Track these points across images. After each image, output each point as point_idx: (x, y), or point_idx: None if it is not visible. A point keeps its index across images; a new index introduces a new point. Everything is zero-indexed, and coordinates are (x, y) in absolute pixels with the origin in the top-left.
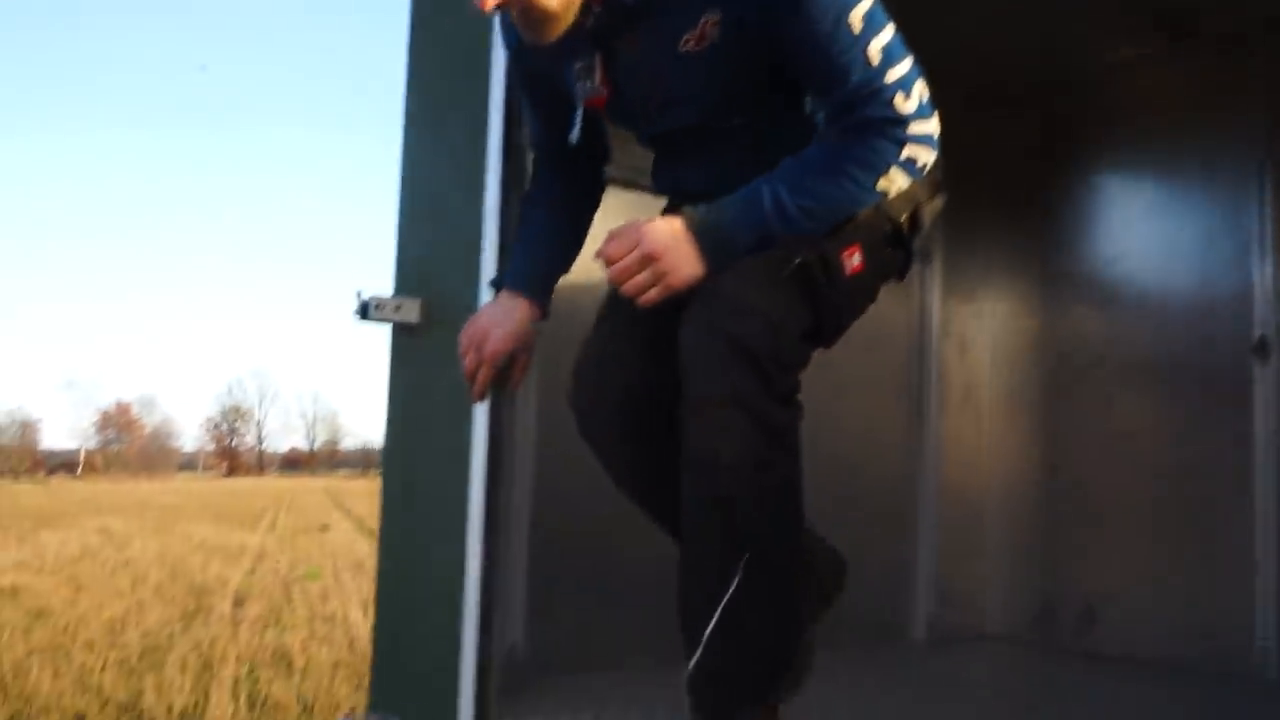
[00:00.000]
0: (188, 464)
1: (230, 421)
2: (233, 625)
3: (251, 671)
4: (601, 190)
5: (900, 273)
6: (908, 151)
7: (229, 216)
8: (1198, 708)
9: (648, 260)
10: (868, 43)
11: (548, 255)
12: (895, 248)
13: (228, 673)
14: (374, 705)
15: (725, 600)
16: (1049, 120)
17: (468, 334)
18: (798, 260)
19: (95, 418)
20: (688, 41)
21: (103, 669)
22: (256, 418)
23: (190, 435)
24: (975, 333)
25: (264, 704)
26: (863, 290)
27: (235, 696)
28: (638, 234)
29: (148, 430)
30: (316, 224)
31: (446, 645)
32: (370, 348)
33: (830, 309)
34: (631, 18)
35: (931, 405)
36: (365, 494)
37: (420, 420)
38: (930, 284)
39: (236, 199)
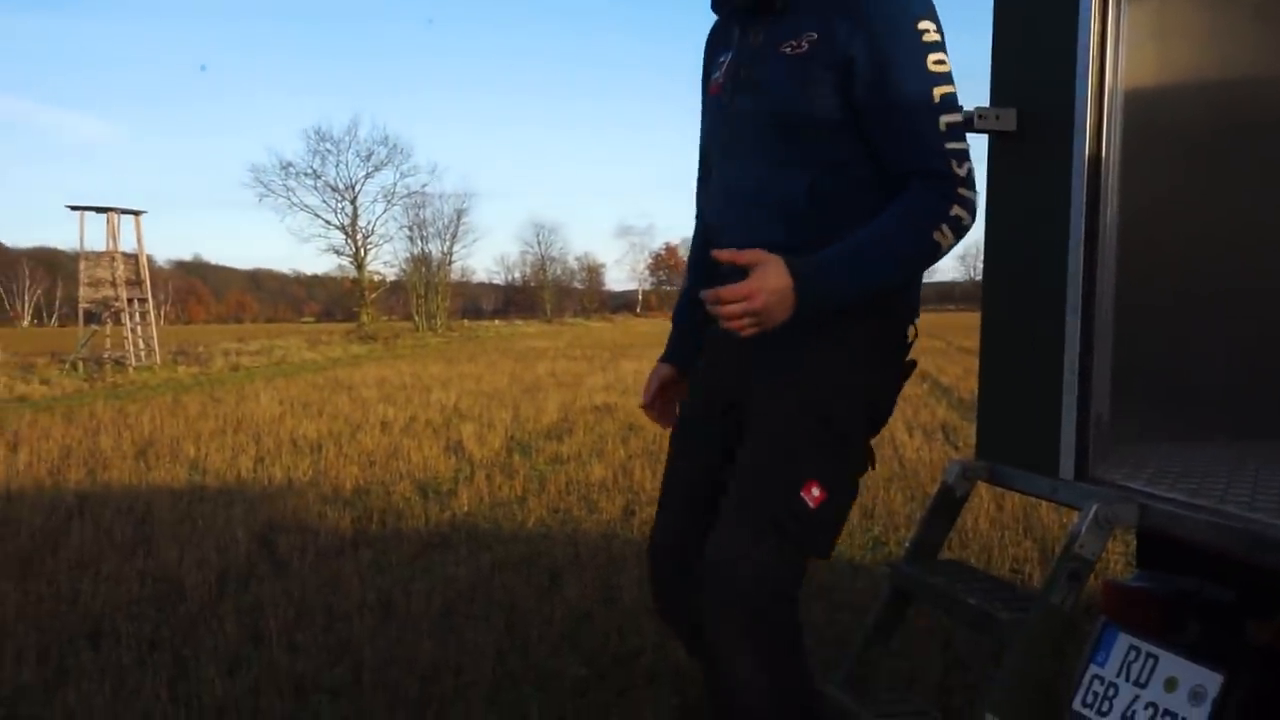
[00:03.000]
0: None
1: None
2: None
3: None
4: None
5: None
6: (957, 209)
7: None
8: None
9: (753, 315)
10: (941, 114)
11: (691, 328)
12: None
13: None
14: (982, 444)
15: None
16: None
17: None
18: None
19: (648, 261)
20: (787, 45)
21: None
22: None
23: None
24: None
25: None
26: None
27: None
28: (748, 292)
29: None
30: None
31: (1048, 409)
32: None
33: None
34: (765, 11)
35: None
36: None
37: (1018, 220)
38: None
39: None
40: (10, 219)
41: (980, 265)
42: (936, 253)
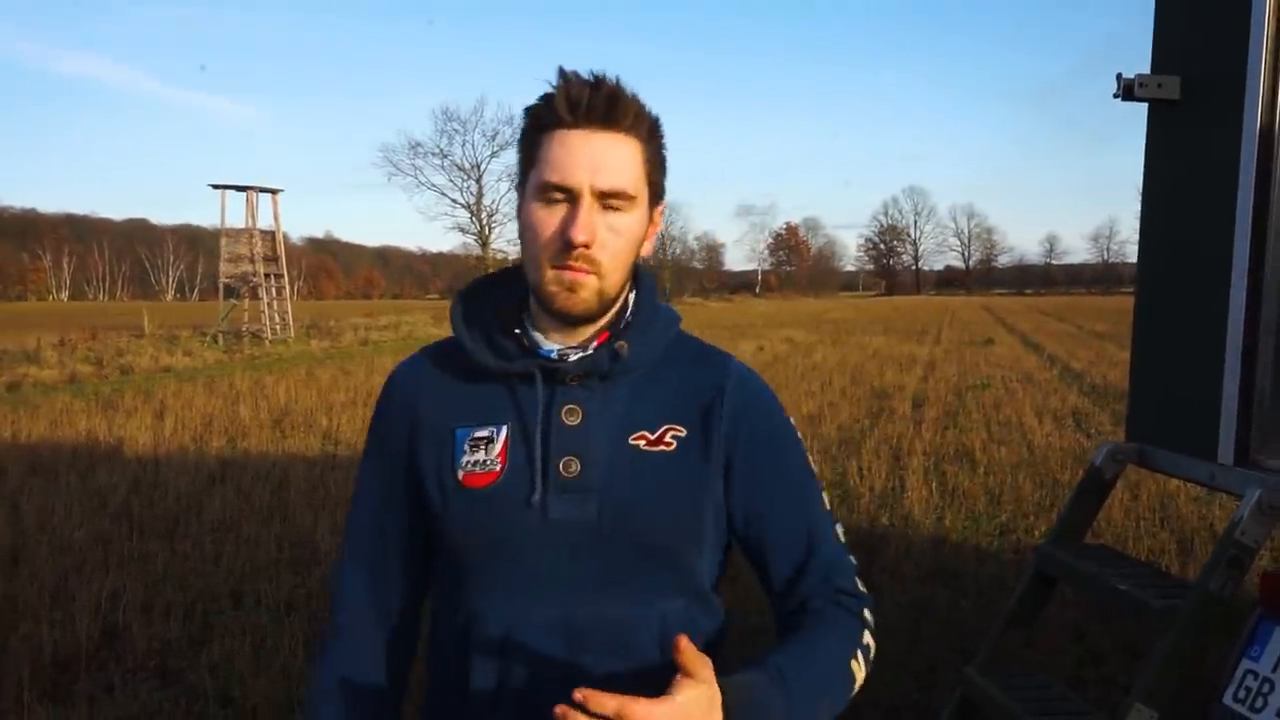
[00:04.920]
0: (847, 283)
1: (887, 241)
2: (914, 425)
3: (937, 464)
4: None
5: None
6: (868, 636)
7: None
8: None
9: None
10: (836, 523)
11: None
12: None
13: (916, 463)
14: (1132, 426)
15: None
16: None
17: None
18: None
19: (768, 241)
20: (640, 438)
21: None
22: (912, 237)
23: (850, 256)
24: None
25: (952, 492)
26: None
27: (926, 483)
28: (668, 716)
29: (813, 252)
30: None
31: (1206, 389)
32: (1016, 162)
33: None
34: (599, 377)
35: None
36: (1023, 311)
37: (1179, 192)
38: None
39: None
40: (157, 198)
41: (1113, 247)
42: (851, 691)
